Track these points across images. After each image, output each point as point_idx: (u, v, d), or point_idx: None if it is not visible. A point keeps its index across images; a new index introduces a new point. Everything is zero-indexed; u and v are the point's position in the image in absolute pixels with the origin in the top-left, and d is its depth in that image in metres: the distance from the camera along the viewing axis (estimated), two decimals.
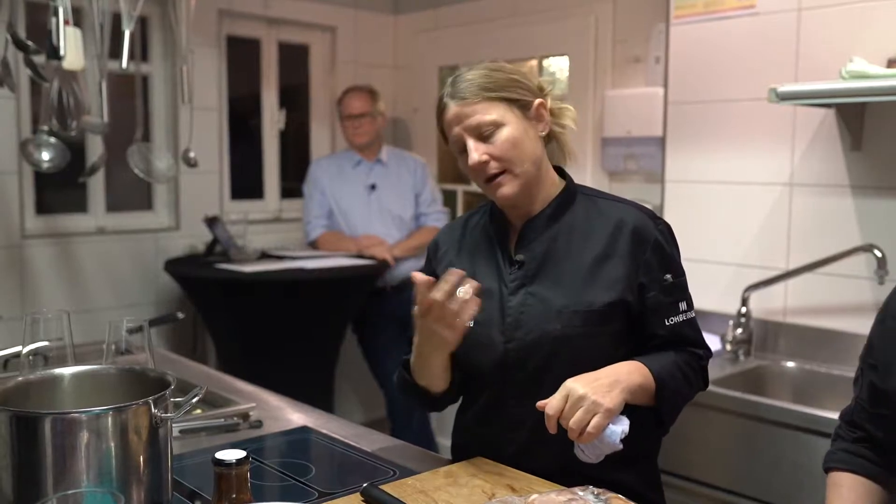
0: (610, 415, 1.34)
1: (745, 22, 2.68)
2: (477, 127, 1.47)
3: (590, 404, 1.33)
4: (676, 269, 1.52)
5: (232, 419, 1.84)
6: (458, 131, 1.48)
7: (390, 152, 3.88)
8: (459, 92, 1.48)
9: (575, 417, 1.32)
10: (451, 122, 1.49)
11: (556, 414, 1.34)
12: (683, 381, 1.48)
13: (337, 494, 1.43)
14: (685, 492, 2.35)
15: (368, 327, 3.76)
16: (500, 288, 1.53)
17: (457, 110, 1.48)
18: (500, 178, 1.48)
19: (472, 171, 1.49)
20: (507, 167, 1.47)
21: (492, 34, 3.85)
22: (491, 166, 1.47)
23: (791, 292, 2.65)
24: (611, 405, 1.34)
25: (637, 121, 3.22)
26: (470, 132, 1.47)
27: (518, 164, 1.48)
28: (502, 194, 1.49)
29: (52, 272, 3.36)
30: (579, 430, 1.33)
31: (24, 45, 2.35)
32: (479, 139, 1.47)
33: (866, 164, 2.47)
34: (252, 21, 3.96)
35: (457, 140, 1.49)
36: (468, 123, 1.47)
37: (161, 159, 2.91)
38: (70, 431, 1.14)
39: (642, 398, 1.43)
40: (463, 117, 1.47)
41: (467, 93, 1.47)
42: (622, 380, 1.39)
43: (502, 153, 1.47)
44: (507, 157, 1.47)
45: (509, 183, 1.48)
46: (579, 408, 1.33)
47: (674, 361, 1.48)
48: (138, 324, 1.66)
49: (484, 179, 1.49)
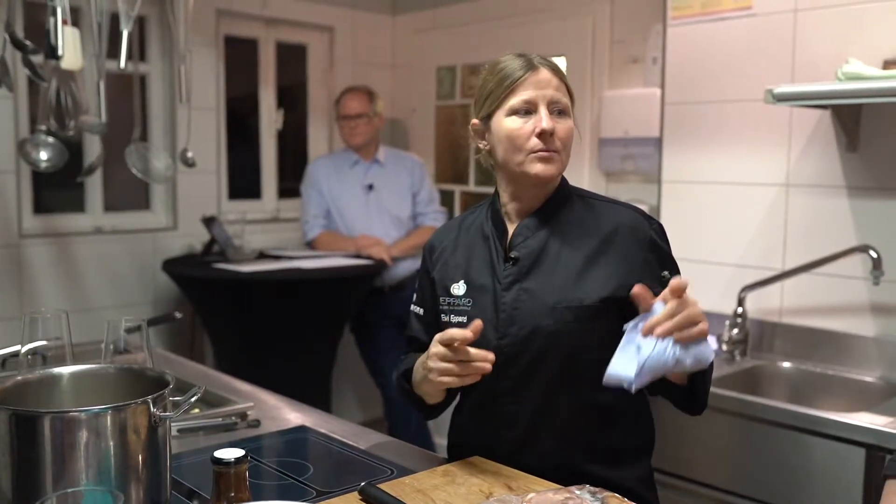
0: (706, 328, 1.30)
1: (742, 23, 2.69)
2: (556, 102, 1.51)
3: (701, 313, 1.29)
4: (672, 267, 1.54)
5: (230, 418, 1.84)
6: (535, 94, 1.50)
7: (388, 152, 3.88)
8: (550, 65, 1.53)
9: (687, 313, 1.27)
10: (531, 83, 1.50)
11: (670, 310, 1.28)
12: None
13: (335, 493, 1.43)
14: (681, 491, 2.36)
15: (366, 327, 3.76)
16: (494, 284, 1.55)
17: (546, 76, 1.51)
18: (553, 154, 1.50)
19: (530, 136, 1.50)
20: (561, 151, 1.51)
21: (490, 34, 3.85)
22: (554, 141, 1.50)
23: (787, 293, 2.65)
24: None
25: (634, 121, 3.23)
26: (547, 103, 1.50)
27: (567, 153, 1.53)
28: (546, 171, 1.50)
29: (50, 272, 3.36)
30: (686, 325, 1.27)
31: (22, 44, 2.36)
32: (551, 113, 1.50)
33: (862, 165, 2.48)
34: (250, 21, 3.96)
35: (529, 101, 1.50)
36: (550, 95, 1.50)
37: (159, 159, 2.92)
38: (69, 430, 1.14)
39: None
40: (546, 85, 1.50)
41: (557, 70, 1.52)
42: None
43: (564, 137, 1.51)
44: (565, 143, 1.52)
45: (556, 164, 1.51)
46: (695, 309, 1.29)
47: None
48: (136, 323, 1.67)
49: (538, 149, 1.50)
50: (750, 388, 2.48)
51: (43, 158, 2.60)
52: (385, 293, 3.69)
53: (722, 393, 2.28)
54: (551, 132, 1.48)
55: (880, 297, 2.45)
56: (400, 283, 3.69)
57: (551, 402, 1.51)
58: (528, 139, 1.50)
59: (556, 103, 1.51)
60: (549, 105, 1.50)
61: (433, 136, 4.25)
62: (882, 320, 2.45)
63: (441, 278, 1.61)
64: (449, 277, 1.60)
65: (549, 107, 1.50)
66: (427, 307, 1.65)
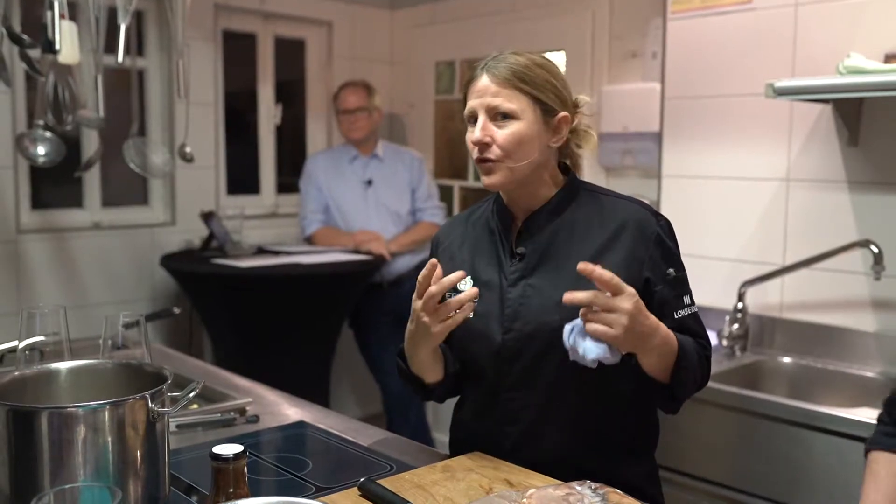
0: (616, 342, 1.32)
1: (742, 17, 2.68)
2: (494, 109, 1.48)
3: (622, 323, 1.30)
4: (678, 264, 1.53)
5: (229, 414, 1.84)
6: (475, 104, 1.50)
7: (386, 147, 3.87)
8: (495, 69, 1.49)
9: (602, 315, 1.30)
10: (474, 92, 1.51)
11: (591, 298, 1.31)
12: (698, 362, 1.48)
13: (334, 489, 1.43)
14: (682, 487, 2.36)
15: (365, 322, 3.76)
16: (501, 280, 1.54)
17: (484, 85, 1.49)
18: (491, 164, 1.49)
19: (473, 147, 1.51)
20: (504, 158, 1.48)
21: (488, 29, 3.84)
22: (491, 150, 1.48)
23: (787, 288, 2.65)
24: (626, 340, 1.31)
25: (634, 116, 3.22)
26: (486, 110, 1.49)
27: (515, 160, 1.48)
28: (488, 181, 1.51)
29: (47, 267, 3.35)
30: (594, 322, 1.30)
31: (19, 38, 2.34)
32: (492, 120, 1.48)
33: (863, 160, 2.47)
34: (248, 15, 3.95)
35: (471, 111, 1.51)
36: (488, 102, 1.48)
37: (157, 154, 2.91)
38: (67, 426, 1.14)
39: (664, 360, 1.41)
40: (486, 93, 1.49)
41: (501, 74, 1.48)
42: (655, 340, 1.37)
43: (504, 144, 1.48)
44: (508, 150, 1.48)
45: (499, 173, 1.49)
46: (614, 310, 1.30)
47: (692, 342, 1.48)
48: (135, 318, 1.66)
49: (477, 159, 1.51)
50: (750, 383, 2.48)
51: (40, 153, 2.59)
52: (383, 288, 3.68)
53: (722, 388, 2.27)
54: (484, 142, 1.48)
55: (881, 292, 2.45)
56: (398, 278, 3.69)
57: (555, 398, 1.50)
58: (473, 150, 1.51)
59: (494, 110, 1.48)
60: (490, 112, 1.48)
61: (432, 132, 4.25)
62: (883, 315, 2.45)
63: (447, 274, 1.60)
64: (455, 273, 1.59)
65: (490, 114, 1.48)
66: None
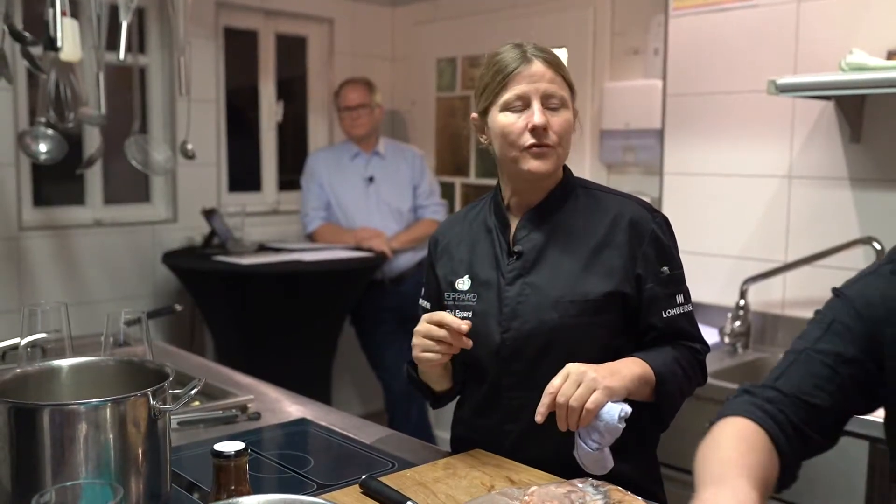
0: (610, 393, 1.33)
1: (745, 14, 2.68)
2: (550, 95, 1.47)
3: (590, 380, 1.32)
4: (674, 262, 1.52)
5: (230, 411, 1.84)
6: (528, 89, 1.47)
7: (388, 144, 3.87)
8: (546, 56, 1.48)
9: (575, 393, 1.31)
10: (524, 77, 1.47)
11: (555, 391, 1.33)
12: (683, 377, 1.48)
13: (335, 486, 1.43)
14: (683, 484, 2.35)
15: (366, 319, 3.75)
16: (498, 279, 1.54)
17: (540, 70, 1.47)
18: (547, 150, 1.47)
19: (523, 132, 1.47)
20: (556, 145, 1.48)
21: (490, 26, 3.83)
22: (548, 136, 1.47)
23: (790, 285, 2.65)
24: (611, 384, 1.33)
25: (635, 113, 3.22)
26: (540, 96, 1.47)
27: (565, 146, 1.50)
28: (540, 167, 1.48)
29: (49, 264, 3.36)
30: (579, 408, 1.31)
31: (21, 36, 2.34)
32: (544, 106, 1.47)
33: (865, 157, 2.47)
34: (249, 13, 3.95)
35: (522, 96, 1.47)
36: (544, 88, 1.46)
37: (158, 151, 2.91)
38: (68, 423, 1.14)
39: (642, 392, 1.42)
40: (540, 78, 1.47)
41: (554, 61, 1.48)
42: (623, 370, 1.39)
43: (560, 130, 1.47)
44: (562, 136, 1.48)
45: (551, 159, 1.48)
46: (579, 383, 1.32)
47: (673, 357, 1.48)
48: (136, 316, 1.66)
49: (531, 145, 1.47)
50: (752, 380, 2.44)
51: (42, 151, 2.60)
52: (385, 286, 3.68)
53: (724, 385, 2.27)
54: (544, 127, 1.45)
55: None
56: (400, 275, 3.68)
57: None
58: (521, 135, 1.47)
59: (550, 97, 1.47)
60: (543, 99, 1.47)
61: (433, 129, 4.24)
62: None
63: (445, 274, 1.61)
64: (453, 272, 1.59)
65: (544, 100, 1.47)
66: (434, 301, 1.65)
